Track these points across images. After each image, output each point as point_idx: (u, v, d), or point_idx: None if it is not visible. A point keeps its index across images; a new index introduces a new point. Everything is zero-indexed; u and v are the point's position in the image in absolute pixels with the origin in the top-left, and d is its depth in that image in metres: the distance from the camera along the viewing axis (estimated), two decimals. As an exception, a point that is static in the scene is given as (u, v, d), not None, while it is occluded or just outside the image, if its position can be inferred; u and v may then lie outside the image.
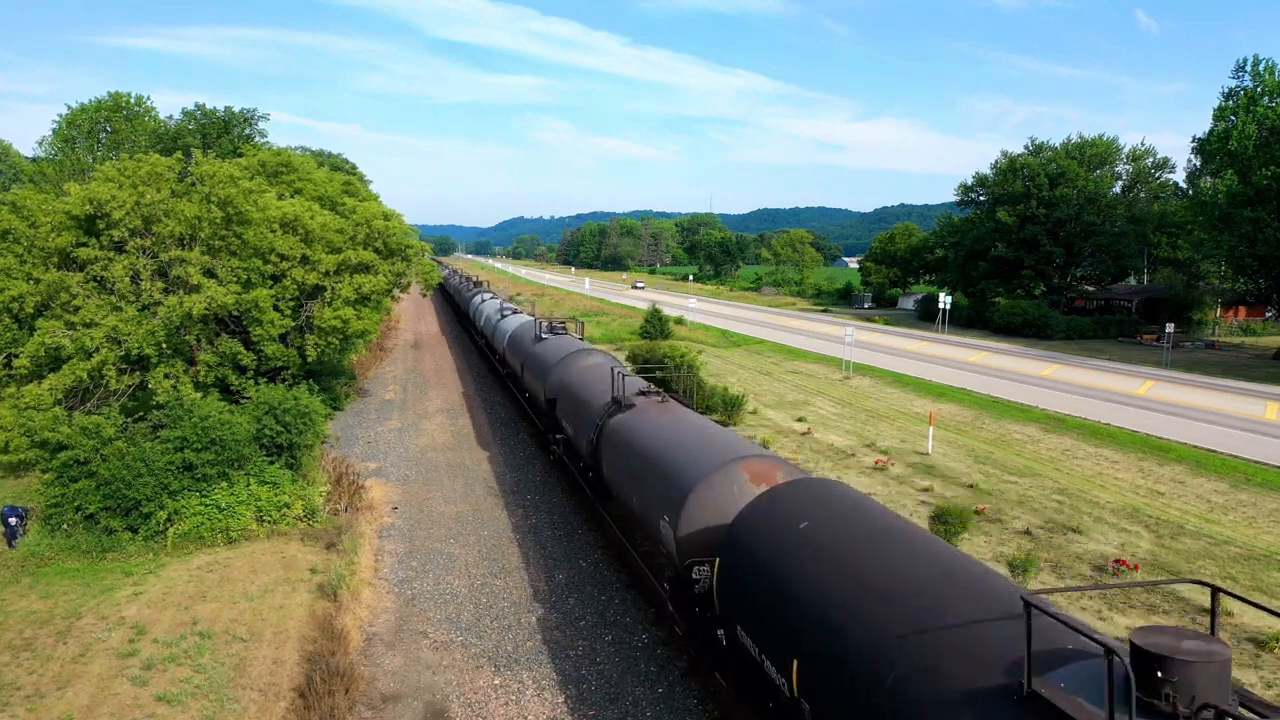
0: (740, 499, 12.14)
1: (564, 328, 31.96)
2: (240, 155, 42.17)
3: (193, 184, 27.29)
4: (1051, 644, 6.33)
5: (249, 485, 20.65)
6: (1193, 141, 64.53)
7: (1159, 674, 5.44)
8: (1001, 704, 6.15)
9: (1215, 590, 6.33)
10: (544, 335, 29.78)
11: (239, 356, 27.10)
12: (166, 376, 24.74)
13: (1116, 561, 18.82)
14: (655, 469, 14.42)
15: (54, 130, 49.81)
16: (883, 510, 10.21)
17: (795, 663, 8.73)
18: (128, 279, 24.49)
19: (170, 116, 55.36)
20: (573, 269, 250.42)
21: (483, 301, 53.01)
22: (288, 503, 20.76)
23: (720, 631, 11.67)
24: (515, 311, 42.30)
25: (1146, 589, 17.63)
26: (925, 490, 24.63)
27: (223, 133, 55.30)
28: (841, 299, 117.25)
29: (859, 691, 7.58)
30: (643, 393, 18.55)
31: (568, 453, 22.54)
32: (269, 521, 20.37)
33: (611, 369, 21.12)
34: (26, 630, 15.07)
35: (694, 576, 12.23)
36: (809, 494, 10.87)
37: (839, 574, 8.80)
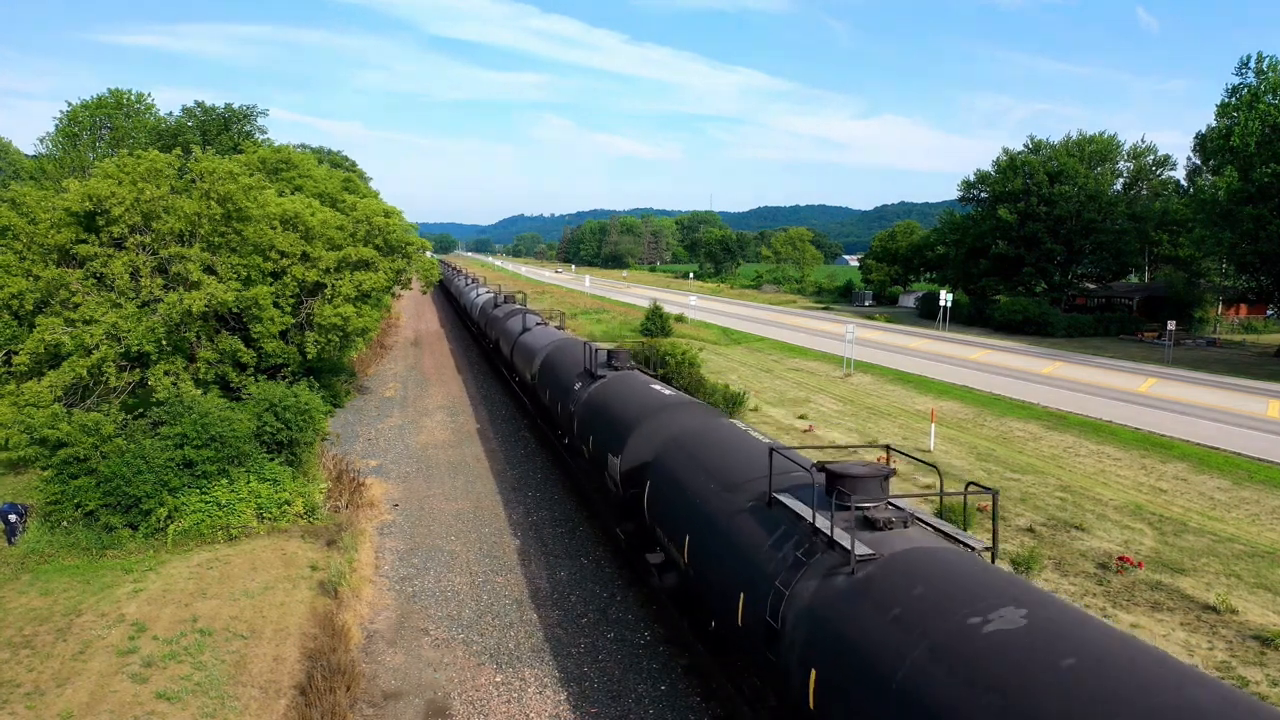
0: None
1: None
2: (240, 152, 42.09)
3: (192, 181, 27.21)
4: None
5: (249, 482, 20.58)
6: (1194, 139, 64.49)
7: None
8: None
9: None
10: None
11: (239, 354, 27.02)
12: (166, 373, 24.67)
13: (1120, 559, 18.76)
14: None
15: (56, 127, 49.74)
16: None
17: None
18: (127, 276, 24.40)
19: (170, 113, 55.31)
20: (573, 267, 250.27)
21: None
22: (288, 500, 20.69)
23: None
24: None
25: (1151, 588, 17.59)
26: (927, 487, 24.56)
27: (222, 130, 55.22)
28: (842, 297, 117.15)
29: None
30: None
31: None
32: (269, 518, 20.30)
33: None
34: (26, 627, 15.00)
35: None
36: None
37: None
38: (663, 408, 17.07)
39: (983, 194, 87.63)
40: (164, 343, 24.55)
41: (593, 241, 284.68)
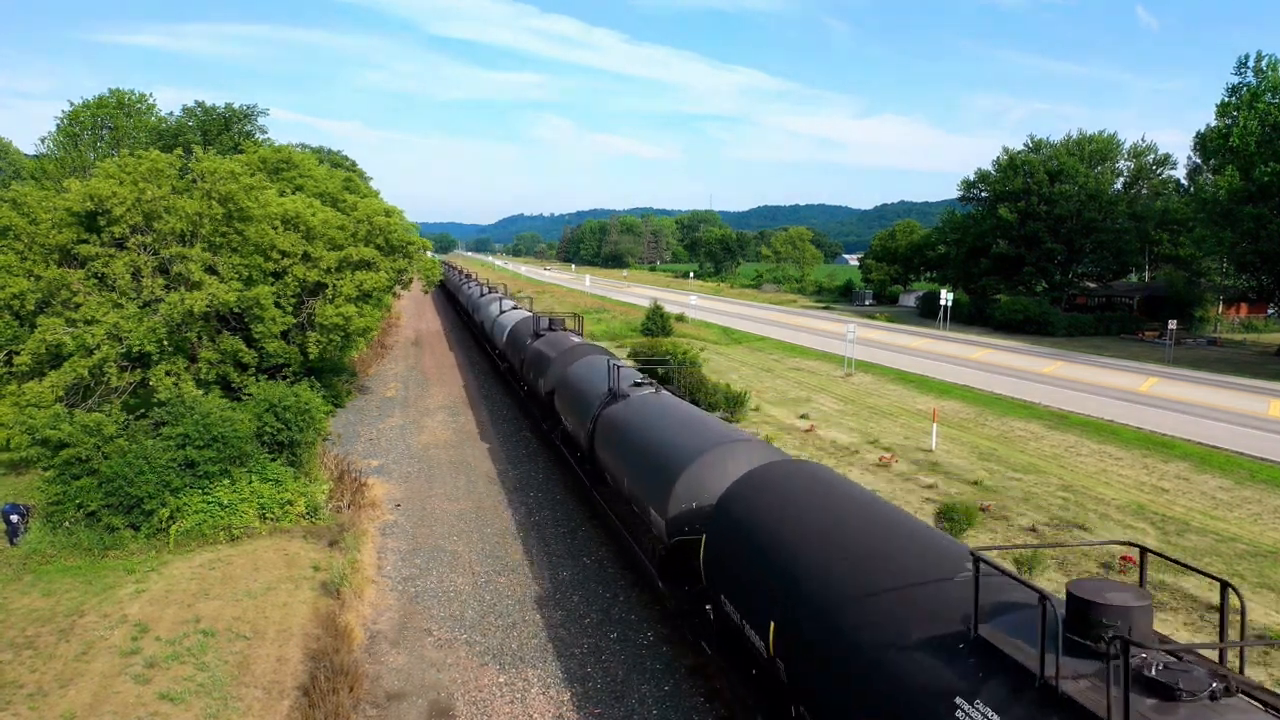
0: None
1: None
2: (240, 152, 42.06)
3: (193, 181, 27.19)
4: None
5: (251, 482, 20.56)
6: (1194, 138, 64.51)
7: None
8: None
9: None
10: None
11: (240, 354, 27.00)
12: (168, 374, 24.65)
13: (1124, 558, 18.75)
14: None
15: (57, 126, 49.74)
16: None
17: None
18: (128, 276, 24.39)
19: (170, 113, 55.32)
20: (573, 266, 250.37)
21: None
22: (290, 500, 20.67)
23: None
24: None
25: (1157, 588, 17.57)
26: (929, 487, 24.56)
27: (223, 129, 55.22)
28: (842, 296, 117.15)
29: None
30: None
31: None
32: (271, 519, 20.29)
33: None
34: (28, 628, 14.99)
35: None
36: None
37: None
38: None
39: (983, 193, 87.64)
40: (165, 343, 24.53)
41: (593, 241, 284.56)
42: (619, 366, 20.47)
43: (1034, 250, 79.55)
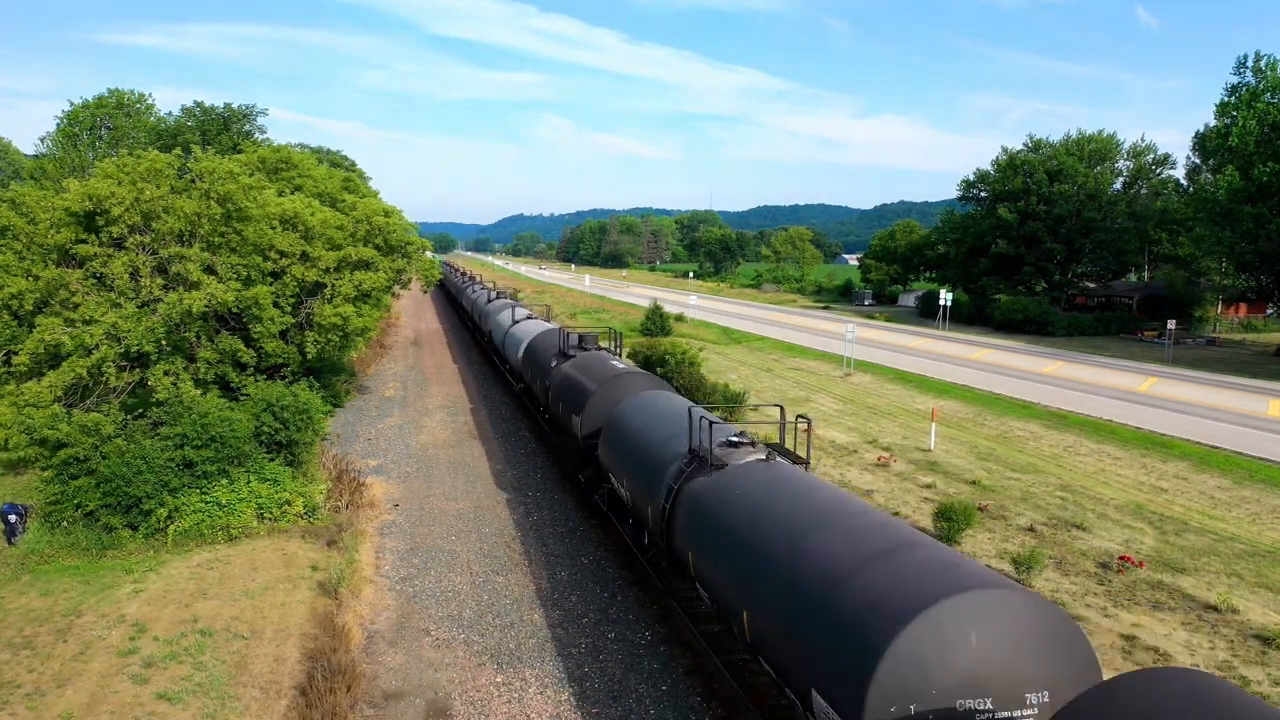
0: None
1: None
2: (240, 152, 42.06)
3: (192, 181, 27.17)
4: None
5: (249, 482, 20.55)
6: (1193, 138, 64.56)
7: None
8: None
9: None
10: None
11: (239, 354, 26.98)
12: (166, 374, 24.64)
13: (1122, 558, 18.75)
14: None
15: (57, 126, 49.75)
16: None
17: None
18: (127, 276, 24.37)
19: (169, 113, 55.35)
20: (573, 266, 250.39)
21: None
22: (288, 500, 20.66)
23: None
24: None
25: (1153, 588, 17.59)
26: (928, 487, 24.56)
27: (222, 129, 55.24)
28: (842, 296, 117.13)
29: None
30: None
31: None
32: (269, 519, 20.28)
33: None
34: (26, 628, 14.98)
35: None
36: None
37: None
38: None
39: (982, 193, 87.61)
40: (164, 343, 24.52)
41: (592, 241, 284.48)
42: (706, 418, 14.45)
43: (1033, 250, 79.53)
